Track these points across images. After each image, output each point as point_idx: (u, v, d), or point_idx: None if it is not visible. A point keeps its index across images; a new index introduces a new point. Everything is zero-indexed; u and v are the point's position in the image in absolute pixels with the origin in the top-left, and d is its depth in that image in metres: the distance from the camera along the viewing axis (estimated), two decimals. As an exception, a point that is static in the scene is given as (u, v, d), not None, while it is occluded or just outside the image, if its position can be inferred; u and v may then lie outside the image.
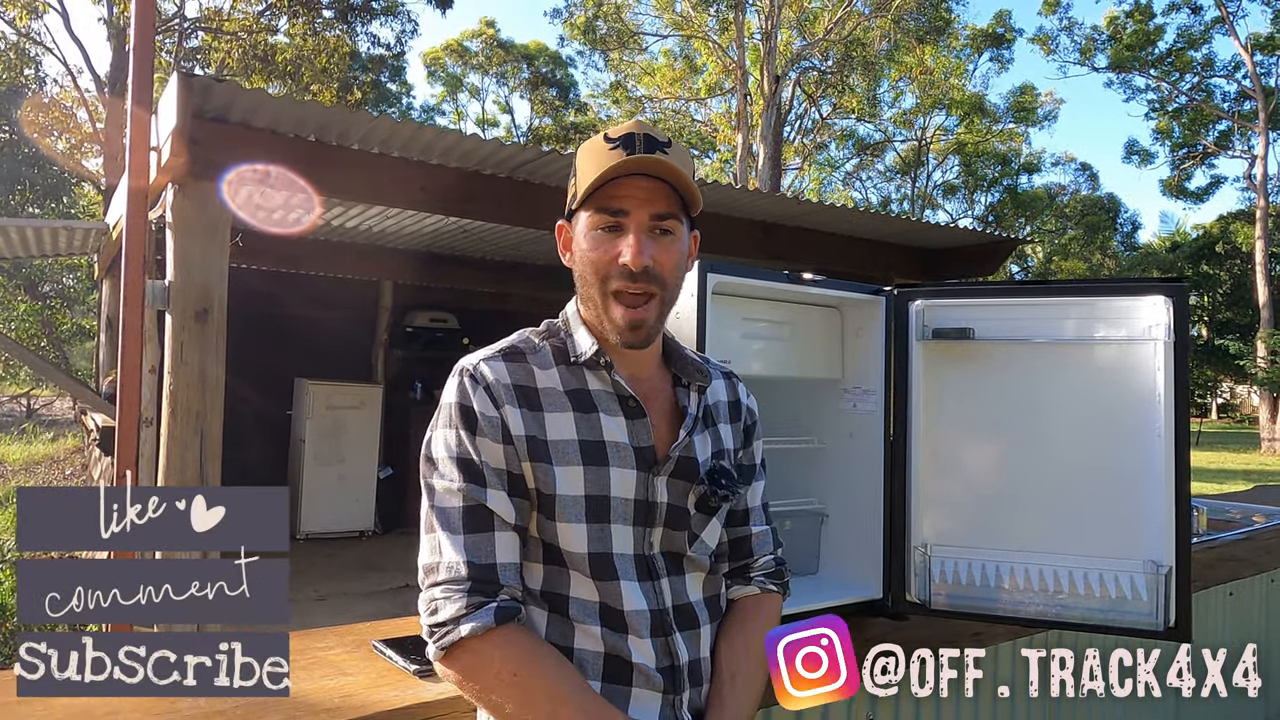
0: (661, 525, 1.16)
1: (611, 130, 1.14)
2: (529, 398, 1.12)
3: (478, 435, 1.09)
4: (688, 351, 1.27)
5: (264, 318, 7.59)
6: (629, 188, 1.11)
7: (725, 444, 1.26)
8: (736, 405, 1.32)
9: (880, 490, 1.99)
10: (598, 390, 1.16)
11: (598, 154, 1.12)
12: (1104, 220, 34.01)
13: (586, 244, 1.14)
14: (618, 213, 1.11)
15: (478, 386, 1.11)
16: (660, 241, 1.13)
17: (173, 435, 3.53)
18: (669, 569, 1.17)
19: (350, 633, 1.77)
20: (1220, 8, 25.49)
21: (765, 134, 20.54)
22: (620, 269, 1.10)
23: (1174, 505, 1.73)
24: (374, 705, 1.39)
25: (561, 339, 1.19)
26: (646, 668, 1.10)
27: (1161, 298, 1.76)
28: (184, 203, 3.58)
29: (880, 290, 2.01)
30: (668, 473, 1.16)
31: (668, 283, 1.14)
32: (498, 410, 1.10)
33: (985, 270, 6.78)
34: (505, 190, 4.54)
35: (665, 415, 1.20)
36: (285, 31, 18.59)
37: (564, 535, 1.10)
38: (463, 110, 35.18)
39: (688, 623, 1.17)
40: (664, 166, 1.10)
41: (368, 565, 6.65)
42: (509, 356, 1.15)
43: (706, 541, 1.21)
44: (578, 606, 1.10)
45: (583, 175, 1.13)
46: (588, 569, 1.10)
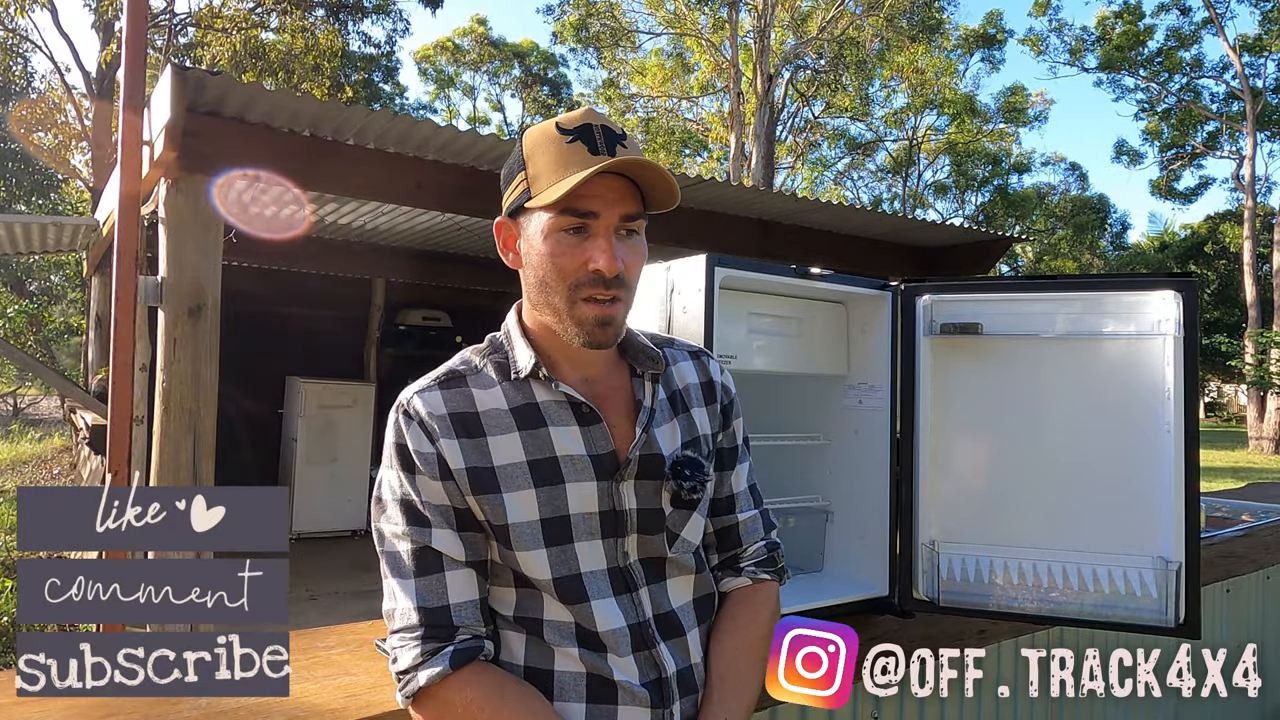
0: (634, 533, 1.10)
1: (563, 119, 1.05)
2: (468, 425, 1.06)
3: (416, 475, 1.04)
4: (641, 337, 1.18)
5: (256, 315, 7.53)
6: (598, 187, 1.02)
7: (700, 429, 1.18)
8: (710, 385, 1.23)
9: (886, 487, 1.98)
10: (546, 401, 1.09)
11: (555, 147, 1.03)
12: (1093, 220, 34.23)
13: (548, 247, 1.04)
14: (586, 214, 1.02)
15: (411, 423, 1.06)
16: (627, 244, 1.05)
17: (165, 433, 3.49)
18: (648, 577, 1.12)
19: (351, 632, 1.74)
20: (1209, 9, 25.65)
21: (758, 132, 20.54)
22: (592, 275, 1.03)
23: (1183, 501, 1.72)
24: (379, 705, 1.36)
25: (503, 354, 1.12)
26: (630, 685, 1.05)
27: (1171, 292, 1.75)
28: (177, 198, 3.53)
29: (886, 285, 1.99)
30: (632, 476, 1.09)
31: (633, 287, 1.08)
32: (433, 445, 1.04)
33: (979, 269, 6.79)
34: (500, 187, 4.51)
35: (624, 414, 1.13)
36: (276, 29, 18.50)
37: (525, 563, 1.05)
38: (455, 108, 35.09)
39: (672, 631, 1.12)
40: (646, 169, 1.02)
41: (359, 565, 6.61)
42: (445, 384, 1.09)
43: (689, 539, 1.15)
44: (552, 629, 1.06)
45: (544, 171, 1.04)
46: (555, 593, 1.06)
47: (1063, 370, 1.88)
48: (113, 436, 3.55)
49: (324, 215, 6.07)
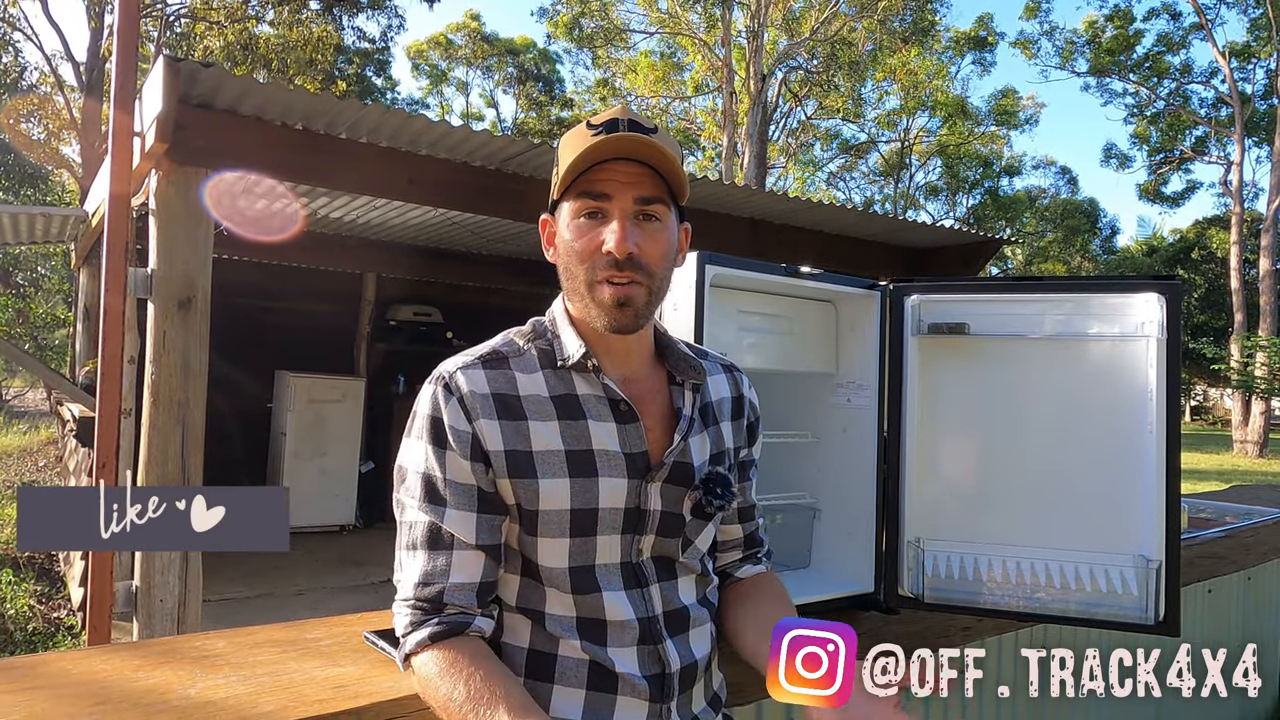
0: (653, 533, 1.12)
1: (594, 117, 1.09)
2: (510, 407, 1.06)
3: (447, 450, 1.04)
4: (681, 345, 1.21)
5: (246, 308, 7.51)
6: (611, 171, 1.04)
7: (726, 443, 1.21)
8: (739, 401, 1.27)
9: (873, 485, 1.99)
10: (586, 395, 1.10)
11: (580, 140, 1.06)
12: (1083, 223, 34.44)
13: (569, 233, 1.07)
14: (600, 197, 1.05)
15: (451, 398, 1.05)
16: (645, 228, 1.06)
17: (154, 426, 3.48)
18: (659, 574, 1.14)
19: (340, 623, 1.75)
20: (1199, 14, 25.82)
21: (751, 132, 20.58)
22: (605, 257, 1.04)
23: (1164, 501, 1.74)
24: (367, 695, 1.36)
25: (548, 340, 1.13)
26: (632, 676, 1.07)
27: (1155, 295, 1.77)
28: (168, 190, 3.52)
29: (876, 284, 2.01)
30: (661, 479, 1.11)
31: (655, 273, 1.07)
32: (470, 424, 1.04)
33: (969, 271, 6.83)
34: (494, 183, 4.51)
35: (660, 418, 1.15)
36: (271, 21, 18.41)
37: (544, 550, 1.07)
38: (448, 105, 35.00)
39: (680, 627, 1.14)
40: (648, 147, 1.03)
41: (348, 560, 6.60)
42: (489, 363, 1.09)
43: (699, 546, 1.18)
44: (554, 621, 1.08)
45: (564, 163, 1.07)
46: (567, 583, 1.07)
47: (1048, 371, 1.90)
48: (100, 429, 3.53)
49: (316, 209, 6.05)
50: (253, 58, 16.61)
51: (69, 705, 1.25)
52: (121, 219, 3.52)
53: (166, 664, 1.43)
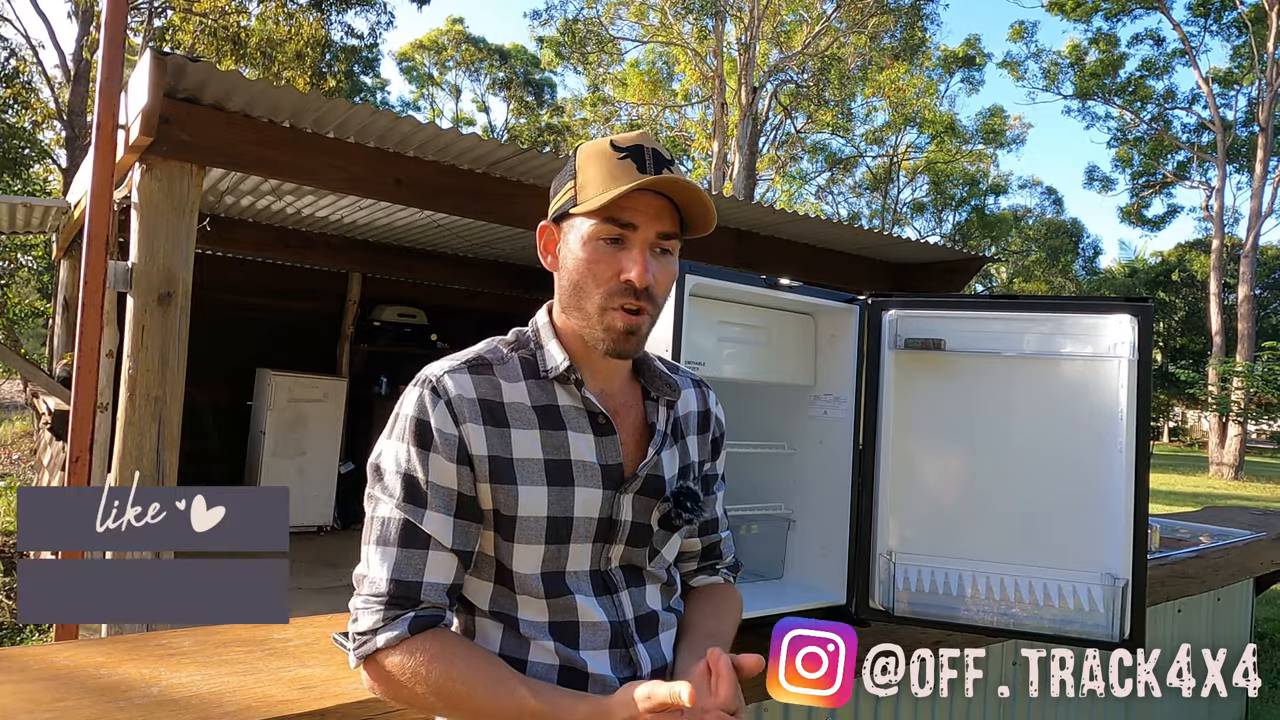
0: (623, 543, 1.15)
1: (618, 138, 1.11)
2: (494, 413, 1.08)
3: (431, 452, 1.05)
4: (656, 362, 1.24)
5: (227, 304, 7.45)
6: (640, 203, 1.07)
7: (692, 456, 1.25)
8: (706, 415, 1.30)
9: (847, 497, 2.01)
10: (567, 406, 1.13)
11: (606, 161, 1.08)
12: (1067, 244, 34.83)
13: (586, 253, 1.09)
14: (626, 225, 1.07)
15: (438, 401, 1.06)
16: (660, 261, 1.10)
17: (130, 421, 3.44)
18: (628, 582, 1.16)
19: (309, 624, 1.74)
20: (1183, 40, 26.23)
21: (741, 143, 20.68)
22: (623, 285, 1.07)
23: (1132, 520, 1.77)
24: (333, 697, 1.36)
25: (531, 350, 1.15)
26: (605, 677, 1.09)
27: (1127, 316, 1.80)
28: (151, 183, 3.50)
29: (854, 299, 2.03)
30: (634, 490, 1.14)
31: (660, 303, 1.12)
32: (457, 427, 1.06)
33: (952, 287, 6.89)
34: (482, 186, 4.51)
35: (634, 431, 1.18)
36: (258, 16, 18.30)
37: (519, 556, 1.08)
38: (439, 108, 34.95)
39: (650, 631, 1.16)
40: (687, 189, 1.08)
41: (324, 561, 6.54)
42: (474, 368, 1.11)
43: (665, 556, 1.21)
44: (527, 625, 1.09)
45: (591, 181, 1.08)
46: (540, 589, 1.09)
47: (1022, 388, 1.93)
48: (75, 422, 3.50)
49: (301, 207, 6.02)
50: (240, 52, 16.48)
51: (30, 700, 1.24)
52: (103, 212, 3.49)
53: (131, 661, 1.42)
